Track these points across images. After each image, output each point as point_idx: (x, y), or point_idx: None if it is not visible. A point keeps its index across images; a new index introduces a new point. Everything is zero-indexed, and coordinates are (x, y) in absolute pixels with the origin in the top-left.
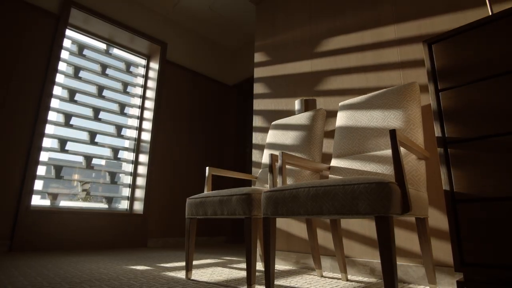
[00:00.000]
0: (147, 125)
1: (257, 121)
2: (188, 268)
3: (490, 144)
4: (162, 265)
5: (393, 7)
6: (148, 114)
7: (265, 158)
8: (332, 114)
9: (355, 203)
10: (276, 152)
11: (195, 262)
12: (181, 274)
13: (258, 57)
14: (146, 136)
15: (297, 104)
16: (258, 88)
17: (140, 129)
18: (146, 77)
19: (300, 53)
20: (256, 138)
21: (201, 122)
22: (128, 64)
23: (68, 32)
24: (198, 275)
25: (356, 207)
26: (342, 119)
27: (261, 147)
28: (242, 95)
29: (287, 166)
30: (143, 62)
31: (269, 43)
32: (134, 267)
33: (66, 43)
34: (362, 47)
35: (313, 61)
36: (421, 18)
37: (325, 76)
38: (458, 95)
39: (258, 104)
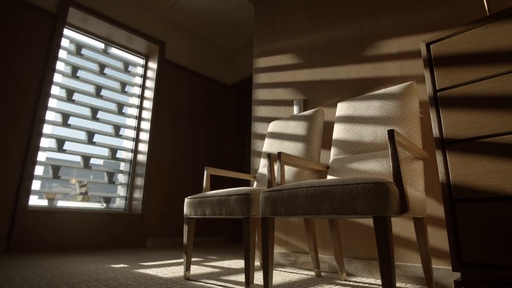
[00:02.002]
0: (146, 125)
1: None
2: (187, 268)
3: (488, 144)
4: (160, 263)
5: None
6: (147, 114)
7: (263, 158)
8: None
9: (353, 203)
10: (275, 152)
11: (193, 262)
12: (180, 274)
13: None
14: (144, 136)
15: (295, 103)
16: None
17: (138, 129)
18: (144, 76)
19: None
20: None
21: (199, 122)
22: (127, 63)
23: (66, 31)
24: (196, 275)
25: (354, 207)
26: (340, 118)
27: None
28: (241, 94)
29: (286, 166)
30: (141, 61)
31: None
32: (132, 266)
33: (64, 42)
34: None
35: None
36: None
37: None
38: (456, 95)
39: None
